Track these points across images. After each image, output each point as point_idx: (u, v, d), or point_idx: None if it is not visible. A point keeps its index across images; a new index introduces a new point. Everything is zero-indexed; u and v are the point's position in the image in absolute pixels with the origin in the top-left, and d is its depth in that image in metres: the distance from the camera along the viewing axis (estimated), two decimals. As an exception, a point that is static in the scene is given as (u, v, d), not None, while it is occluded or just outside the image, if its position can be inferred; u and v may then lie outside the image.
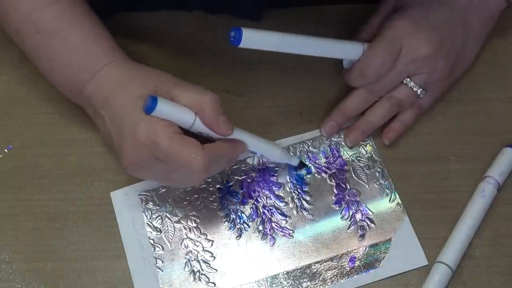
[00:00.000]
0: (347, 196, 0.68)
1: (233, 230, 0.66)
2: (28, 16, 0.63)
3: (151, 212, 0.67)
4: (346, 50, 0.68)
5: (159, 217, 0.67)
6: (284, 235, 0.66)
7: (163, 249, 0.65)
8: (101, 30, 0.65)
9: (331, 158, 0.70)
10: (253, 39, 0.60)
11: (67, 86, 0.64)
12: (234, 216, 0.67)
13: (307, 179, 0.69)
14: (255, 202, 0.68)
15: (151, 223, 0.67)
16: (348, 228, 0.67)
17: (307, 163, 0.69)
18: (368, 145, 0.71)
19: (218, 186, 0.68)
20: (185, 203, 0.67)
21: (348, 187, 0.69)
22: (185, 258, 0.65)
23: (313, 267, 0.65)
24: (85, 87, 0.62)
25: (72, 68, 0.63)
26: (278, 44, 0.62)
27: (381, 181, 0.69)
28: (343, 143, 0.71)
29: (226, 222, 0.67)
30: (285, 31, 0.64)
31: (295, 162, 0.68)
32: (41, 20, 0.63)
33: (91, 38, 0.63)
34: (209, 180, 0.68)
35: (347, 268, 0.65)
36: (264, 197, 0.68)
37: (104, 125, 0.62)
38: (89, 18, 0.64)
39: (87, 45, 0.63)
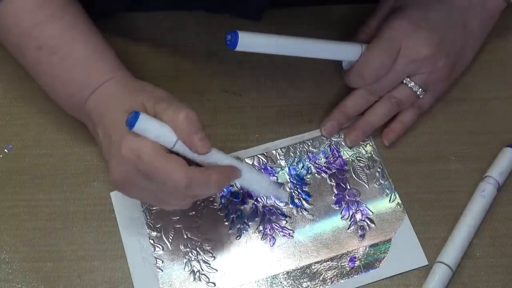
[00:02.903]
0: (347, 196, 0.68)
1: (233, 230, 0.67)
2: (29, 31, 0.62)
3: (151, 212, 0.67)
4: (344, 52, 0.68)
5: (159, 217, 0.67)
6: (284, 235, 0.66)
7: (163, 249, 0.65)
8: (104, 46, 0.64)
9: (331, 158, 0.70)
10: (250, 42, 0.60)
11: (69, 102, 0.64)
12: (234, 216, 0.67)
13: (307, 179, 0.69)
14: (255, 202, 0.68)
15: (151, 223, 0.67)
16: (348, 228, 0.67)
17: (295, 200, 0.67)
18: (368, 145, 0.71)
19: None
20: (185, 203, 0.67)
21: (348, 187, 0.69)
22: (185, 258, 0.65)
23: (313, 267, 0.65)
24: (86, 103, 0.62)
25: (74, 84, 0.62)
26: (274, 47, 0.62)
27: (381, 181, 0.69)
28: (343, 143, 0.71)
29: (226, 222, 0.67)
30: (285, 31, 0.64)
31: (285, 197, 0.66)
32: (43, 36, 0.62)
33: (94, 54, 0.63)
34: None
35: (347, 268, 0.65)
36: (264, 197, 0.68)
37: (99, 140, 0.61)
38: (92, 34, 0.64)
39: (89, 62, 0.63)
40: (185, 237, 0.66)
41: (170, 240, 0.66)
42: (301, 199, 0.68)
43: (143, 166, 0.56)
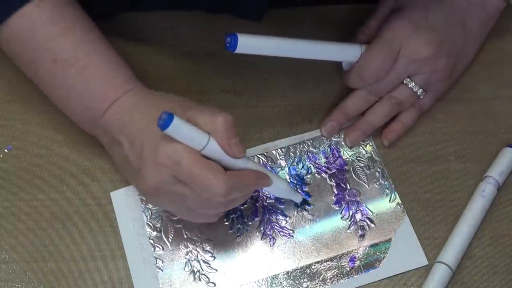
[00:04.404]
0: (347, 196, 0.68)
1: (233, 230, 0.67)
2: (44, 44, 0.61)
3: (151, 212, 0.67)
4: (344, 53, 0.68)
5: (159, 217, 0.67)
6: (284, 235, 0.66)
7: (163, 249, 0.65)
8: (117, 58, 0.64)
9: (331, 158, 0.70)
10: (249, 44, 0.60)
11: (84, 115, 0.63)
12: (234, 216, 0.67)
13: (307, 179, 0.69)
14: (255, 202, 0.68)
15: (151, 223, 0.67)
16: (348, 228, 0.67)
17: (308, 200, 0.68)
18: (368, 145, 0.71)
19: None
20: (185, 203, 0.67)
21: (348, 187, 0.69)
22: (185, 258, 0.65)
23: (313, 267, 0.65)
24: (103, 116, 0.61)
25: (90, 96, 0.62)
26: (274, 49, 0.62)
27: (381, 181, 0.69)
28: (343, 143, 0.71)
29: (226, 222, 0.67)
30: (285, 31, 0.64)
31: (298, 199, 0.67)
32: (58, 49, 0.61)
33: (109, 66, 0.63)
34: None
35: (347, 268, 0.65)
36: (264, 197, 0.68)
37: (122, 151, 0.60)
38: (105, 46, 0.64)
39: (106, 74, 0.62)
40: (185, 237, 0.66)
41: (170, 240, 0.66)
42: (301, 199, 0.68)
43: (182, 173, 0.55)
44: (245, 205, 0.67)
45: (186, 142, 0.56)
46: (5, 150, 0.70)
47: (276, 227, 0.66)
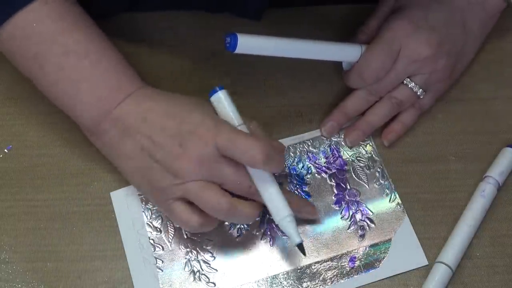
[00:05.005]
0: (347, 196, 0.68)
1: (233, 230, 0.66)
2: (54, 38, 0.61)
3: (151, 212, 0.67)
4: (344, 53, 0.68)
5: (159, 217, 0.67)
6: (284, 235, 0.66)
7: (163, 249, 0.65)
8: (124, 59, 0.65)
9: (331, 158, 0.70)
10: (249, 44, 0.60)
11: (94, 108, 0.62)
12: (234, 216, 0.67)
13: (307, 179, 0.69)
14: (255, 202, 0.68)
15: (151, 223, 0.67)
16: (348, 228, 0.67)
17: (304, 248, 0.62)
18: (368, 145, 0.71)
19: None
20: (185, 203, 0.67)
21: (348, 187, 0.69)
22: (185, 258, 0.65)
23: (313, 267, 0.65)
24: (118, 106, 0.61)
25: (105, 86, 0.62)
26: (274, 49, 0.62)
27: (381, 181, 0.69)
28: (343, 143, 0.71)
29: (226, 222, 0.67)
30: (285, 31, 0.64)
31: (295, 240, 0.61)
32: (70, 42, 0.61)
33: (122, 62, 0.64)
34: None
35: (347, 268, 0.65)
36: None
37: (140, 140, 0.60)
38: (112, 45, 0.64)
39: (120, 68, 0.63)
40: (185, 237, 0.66)
41: (170, 240, 0.66)
42: (301, 199, 0.68)
43: (224, 138, 0.58)
44: (245, 205, 0.67)
45: (225, 113, 0.62)
46: (5, 150, 0.70)
47: (276, 227, 0.66)
